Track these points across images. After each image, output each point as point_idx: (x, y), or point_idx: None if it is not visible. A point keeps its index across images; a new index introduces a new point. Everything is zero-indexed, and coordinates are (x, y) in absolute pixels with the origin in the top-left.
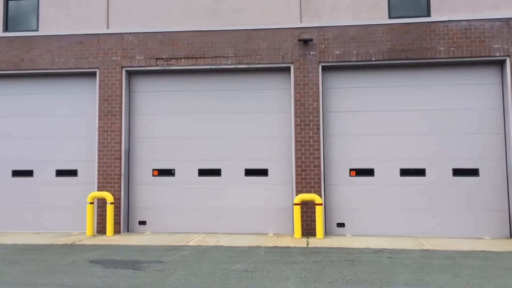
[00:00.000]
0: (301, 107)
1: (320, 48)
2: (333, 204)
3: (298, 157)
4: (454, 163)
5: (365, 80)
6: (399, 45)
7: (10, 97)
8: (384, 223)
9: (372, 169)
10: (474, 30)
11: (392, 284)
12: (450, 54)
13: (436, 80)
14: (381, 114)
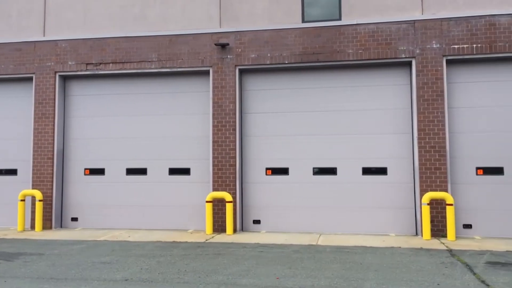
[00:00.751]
0: (218, 109)
1: (237, 52)
2: (250, 202)
3: (215, 156)
4: (364, 162)
5: (280, 82)
6: (310, 48)
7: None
8: (297, 220)
9: (287, 168)
10: (381, 32)
11: (215, 274)
12: (358, 56)
13: (347, 82)
14: (296, 115)
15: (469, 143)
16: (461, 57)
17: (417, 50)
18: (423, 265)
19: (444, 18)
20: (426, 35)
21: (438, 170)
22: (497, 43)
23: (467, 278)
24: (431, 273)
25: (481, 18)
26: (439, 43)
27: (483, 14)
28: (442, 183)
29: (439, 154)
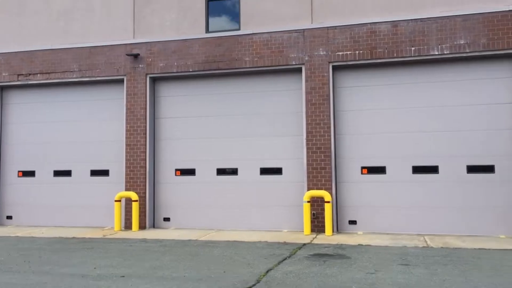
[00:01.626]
0: (131, 115)
1: (148, 61)
2: (161, 201)
3: (127, 159)
4: (263, 163)
5: (187, 89)
6: (212, 57)
7: None
8: (203, 217)
9: (194, 169)
10: (274, 41)
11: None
12: (254, 63)
13: (245, 88)
14: (202, 120)
15: (354, 144)
16: (345, 63)
17: (306, 57)
18: (249, 257)
19: (330, 27)
20: (314, 43)
21: (324, 169)
22: (377, 49)
23: (261, 268)
24: (239, 262)
25: (363, 26)
26: (325, 50)
27: (365, 22)
28: (326, 181)
29: (324, 155)
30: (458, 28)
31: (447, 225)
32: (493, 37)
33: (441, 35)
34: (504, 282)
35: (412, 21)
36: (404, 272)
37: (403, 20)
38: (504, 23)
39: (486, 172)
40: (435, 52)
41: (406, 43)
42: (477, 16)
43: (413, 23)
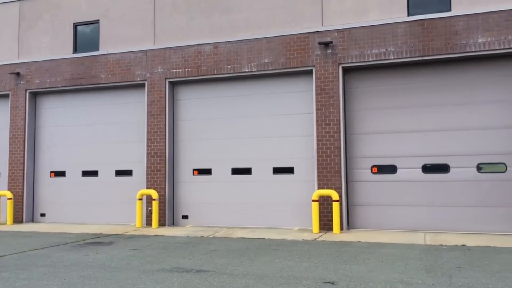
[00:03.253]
0: (13, 125)
1: (27, 78)
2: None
3: (9, 162)
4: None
5: (61, 101)
6: (76, 74)
7: None
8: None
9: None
10: (124, 60)
11: None
12: (109, 80)
13: (102, 101)
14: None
15: (188, 149)
16: (178, 79)
17: (148, 74)
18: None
19: (167, 48)
20: (154, 62)
21: (159, 171)
22: (202, 67)
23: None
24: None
25: (191, 47)
26: (162, 68)
27: (193, 44)
28: (161, 182)
29: (160, 159)
30: (264, 49)
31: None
32: (290, 56)
33: (250, 55)
34: None
35: (229, 43)
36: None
37: (222, 42)
38: (299, 44)
39: (288, 173)
40: (246, 70)
41: (224, 61)
42: (278, 38)
43: (230, 44)
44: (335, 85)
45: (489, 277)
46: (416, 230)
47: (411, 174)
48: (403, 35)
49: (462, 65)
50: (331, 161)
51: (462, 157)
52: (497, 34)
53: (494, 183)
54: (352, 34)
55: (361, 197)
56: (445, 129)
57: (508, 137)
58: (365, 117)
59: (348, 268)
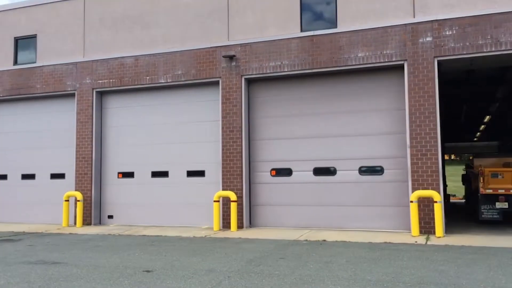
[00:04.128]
0: None
1: None
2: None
3: None
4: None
5: (4, 110)
6: (16, 85)
7: None
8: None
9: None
10: (57, 71)
11: None
12: (44, 89)
13: (37, 109)
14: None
15: (114, 154)
16: (104, 89)
17: (77, 85)
18: None
19: (94, 60)
20: (83, 73)
21: (86, 175)
22: (124, 78)
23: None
24: None
25: (116, 59)
26: (90, 79)
27: (117, 56)
28: (88, 184)
29: (87, 163)
30: (177, 62)
31: None
32: (199, 68)
33: (166, 67)
34: None
35: (148, 56)
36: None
37: (142, 55)
38: (207, 57)
39: (199, 176)
40: (162, 80)
41: (144, 73)
42: (189, 52)
43: (148, 57)
44: (238, 95)
45: (296, 265)
46: (307, 227)
47: (304, 176)
48: (295, 50)
49: (347, 77)
50: (233, 164)
51: (347, 161)
52: (374, 49)
53: (372, 184)
54: (253, 48)
55: (262, 198)
56: (333, 135)
57: (386, 143)
58: (265, 124)
59: (183, 259)
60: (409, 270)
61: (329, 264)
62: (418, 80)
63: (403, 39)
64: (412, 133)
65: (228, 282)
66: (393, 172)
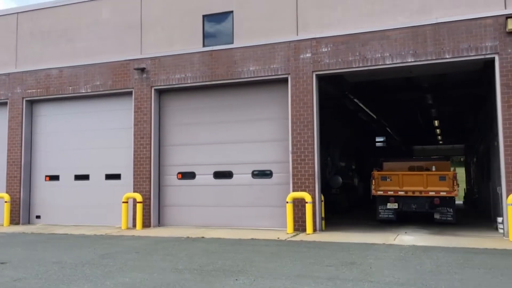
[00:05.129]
0: None
1: None
2: None
3: None
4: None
5: None
6: None
7: None
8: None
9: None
10: None
11: None
12: None
13: None
14: None
15: (43, 158)
16: (33, 98)
17: (9, 94)
18: None
19: (24, 71)
20: (15, 83)
21: (15, 178)
22: (50, 88)
23: None
24: None
25: (43, 71)
26: (21, 89)
27: (43, 68)
28: (17, 186)
29: (17, 167)
30: (96, 73)
31: None
32: (115, 79)
33: (87, 78)
34: None
35: (71, 68)
36: None
37: (66, 67)
38: (122, 69)
39: (116, 179)
40: (82, 91)
41: (67, 83)
42: (107, 64)
43: (71, 69)
44: (148, 105)
45: (135, 258)
46: (208, 226)
47: (206, 179)
48: (197, 63)
49: (242, 89)
50: (143, 168)
51: (242, 165)
52: (263, 63)
53: (263, 186)
54: (161, 61)
55: (170, 199)
56: (231, 142)
57: (275, 149)
58: (174, 132)
59: (52, 254)
60: (221, 260)
61: (167, 257)
62: (299, 92)
63: (287, 55)
64: (294, 140)
65: (61, 273)
66: (280, 176)
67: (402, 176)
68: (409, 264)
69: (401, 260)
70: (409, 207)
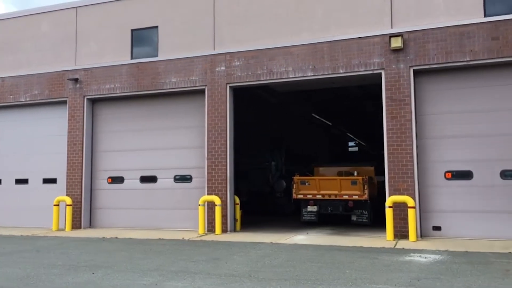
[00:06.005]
0: None
1: None
2: None
3: None
4: None
5: None
6: None
7: None
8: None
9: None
10: None
11: None
12: None
13: None
14: None
15: None
16: None
17: None
18: None
19: None
20: None
21: None
22: None
23: None
24: None
25: None
26: None
27: None
28: None
29: None
30: (35, 83)
31: None
32: (52, 89)
33: (26, 87)
34: None
35: (13, 77)
36: None
37: (8, 77)
38: (58, 79)
39: (52, 183)
40: (22, 99)
41: (8, 92)
42: (45, 74)
43: (13, 79)
44: (81, 113)
45: (41, 255)
46: (135, 227)
47: (133, 183)
48: (125, 74)
49: (165, 99)
50: (75, 173)
51: (165, 170)
52: (183, 75)
53: (184, 190)
54: (93, 72)
55: (101, 202)
56: (156, 148)
57: (194, 155)
58: (106, 138)
59: None
60: (104, 257)
61: (61, 255)
62: (214, 102)
63: (205, 68)
64: (209, 147)
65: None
66: (199, 180)
67: (319, 180)
68: (259, 259)
69: (263, 257)
70: (326, 210)
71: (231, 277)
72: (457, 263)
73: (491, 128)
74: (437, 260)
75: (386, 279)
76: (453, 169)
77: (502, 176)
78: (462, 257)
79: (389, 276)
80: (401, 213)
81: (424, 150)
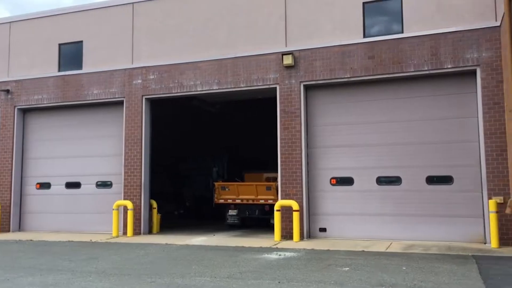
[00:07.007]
0: None
1: None
2: None
3: None
4: None
5: None
6: None
7: None
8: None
9: None
10: None
11: None
12: None
13: None
14: None
15: None
16: None
17: None
18: None
19: None
20: None
21: None
22: None
23: None
24: None
25: None
26: None
27: None
28: None
29: None
30: None
31: None
32: None
33: None
34: None
35: None
36: None
37: None
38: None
39: None
40: None
41: None
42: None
43: None
44: (11, 122)
45: None
46: (60, 231)
47: (59, 189)
48: (52, 86)
49: (89, 109)
50: (5, 179)
51: (89, 176)
52: (104, 87)
53: (105, 195)
54: (23, 84)
55: (30, 207)
56: (81, 155)
57: (115, 163)
58: (37, 146)
59: None
60: (3, 256)
61: None
62: (131, 113)
63: (123, 81)
64: (126, 155)
65: None
66: (118, 186)
67: (237, 186)
68: (134, 258)
69: (140, 256)
70: (244, 213)
71: (86, 272)
72: (299, 260)
73: (368, 139)
74: (286, 257)
75: (217, 272)
76: (337, 175)
77: (377, 182)
78: (310, 255)
79: (224, 270)
80: (290, 216)
81: (313, 158)
